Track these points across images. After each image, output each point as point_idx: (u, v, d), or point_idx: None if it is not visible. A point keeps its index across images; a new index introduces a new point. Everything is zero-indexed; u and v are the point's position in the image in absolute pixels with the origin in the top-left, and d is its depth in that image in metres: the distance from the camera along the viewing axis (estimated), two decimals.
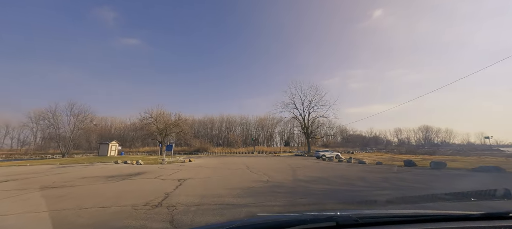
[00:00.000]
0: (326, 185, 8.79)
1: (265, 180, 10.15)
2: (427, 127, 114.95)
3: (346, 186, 8.48)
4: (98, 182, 9.72)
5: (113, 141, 36.18)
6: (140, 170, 14.87)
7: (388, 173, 12.94)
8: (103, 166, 18.56)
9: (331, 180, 10.16)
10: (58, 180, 10.50)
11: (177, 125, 45.67)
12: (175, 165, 19.37)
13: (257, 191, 7.54)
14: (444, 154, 37.42)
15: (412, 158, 21.50)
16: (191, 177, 11.06)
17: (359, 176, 11.65)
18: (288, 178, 10.97)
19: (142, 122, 45.06)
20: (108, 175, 12.35)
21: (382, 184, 8.84)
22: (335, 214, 1.52)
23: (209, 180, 10.19)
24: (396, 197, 6.39)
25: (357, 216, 1.50)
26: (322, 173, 13.11)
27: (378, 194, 6.96)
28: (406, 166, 17.05)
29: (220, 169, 15.54)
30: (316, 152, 31.21)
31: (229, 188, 7.95)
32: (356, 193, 7.11)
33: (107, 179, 10.78)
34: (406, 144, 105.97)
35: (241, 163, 20.68)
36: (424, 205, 5.44)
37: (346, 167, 16.90)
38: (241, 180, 9.98)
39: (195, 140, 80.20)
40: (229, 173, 12.75)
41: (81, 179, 10.67)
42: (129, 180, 10.32)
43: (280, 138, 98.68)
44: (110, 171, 14.74)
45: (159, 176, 11.58)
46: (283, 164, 20.49)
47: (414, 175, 11.87)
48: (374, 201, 6.02)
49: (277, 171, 14.05)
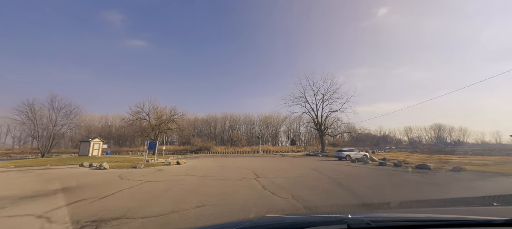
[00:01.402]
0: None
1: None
2: (440, 126, 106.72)
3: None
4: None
5: (96, 139, 30.13)
6: (74, 183, 8.70)
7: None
8: (50, 172, 12.51)
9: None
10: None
11: (173, 121, 39.50)
12: (152, 169, 13.18)
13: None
14: (465, 154, 31.44)
15: (443, 158, 14.80)
16: (131, 209, 4.78)
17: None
18: (351, 209, 4.65)
19: (133, 116, 38.27)
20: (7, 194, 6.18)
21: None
22: (346, 216, 1.40)
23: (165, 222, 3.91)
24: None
25: (370, 219, 1.34)
26: (403, 190, 6.73)
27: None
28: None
29: (213, 179, 9.28)
30: (338, 151, 24.60)
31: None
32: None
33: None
34: (417, 143, 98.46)
35: (247, 167, 14.38)
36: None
37: (417, 178, 10.39)
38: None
39: (197, 139, 74.42)
40: (223, 194, 6.44)
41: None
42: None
43: (285, 137, 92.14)
44: (29, 182, 8.63)
45: (73, 201, 5.36)
46: (304, 168, 14.07)
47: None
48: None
49: (310, 187, 7.67)
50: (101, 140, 31.33)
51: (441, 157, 23.37)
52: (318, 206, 5.04)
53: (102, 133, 79.80)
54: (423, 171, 12.28)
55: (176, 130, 41.91)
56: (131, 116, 37.89)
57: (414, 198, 5.92)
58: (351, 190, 6.92)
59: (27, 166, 15.88)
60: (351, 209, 4.83)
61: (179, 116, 41.30)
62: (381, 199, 5.67)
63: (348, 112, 43.45)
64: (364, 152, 24.51)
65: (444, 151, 43.38)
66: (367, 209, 4.82)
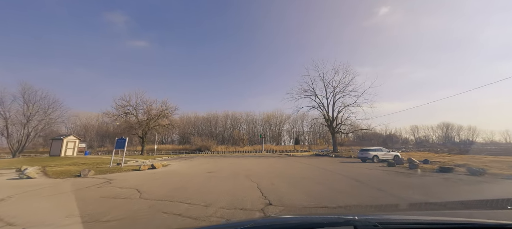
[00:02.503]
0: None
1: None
2: (448, 125, 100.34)
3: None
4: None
5: (71, 136, 25.04)
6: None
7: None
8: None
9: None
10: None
11: (164, 116, 34.49)
12: (94, 181, 8.10)
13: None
14: (480, 153, 27.82)
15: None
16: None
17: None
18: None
19: (118, 111, 32.13)
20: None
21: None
22: (353, 218, 1.32)
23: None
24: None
25: (377, 220, 1.27)
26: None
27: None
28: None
29: (161, 216, 4.13)
30: (362, 151, 19.22)
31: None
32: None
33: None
34: (425, 142, 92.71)
35: (247, 174, 9.24)
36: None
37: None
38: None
39: (196, 138, 69.50)
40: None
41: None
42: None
43: (288, 136, 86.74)
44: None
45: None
46: (332, 176, 8.88)
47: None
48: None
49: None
50: (77, 138, 26.17)
51: (474, 157, 19.22)
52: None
53: (100, 132, 75.32)
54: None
55: (168, 127, 36.66)
56: (116, 111, 32.71)
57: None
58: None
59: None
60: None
61: (171, 111, 35.36)
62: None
63: (364, 106, 35.40)
64: (395, 152, 19.16)
65: (461, 151, 38.61)
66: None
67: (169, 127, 36.14)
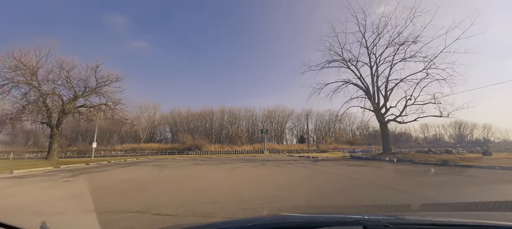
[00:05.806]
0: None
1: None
2: (461, 123, 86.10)
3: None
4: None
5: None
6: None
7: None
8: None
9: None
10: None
11: (101, 94, 18.82)
12: None
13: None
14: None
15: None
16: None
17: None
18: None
19: (3, 79, 16.50)
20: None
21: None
22: (362, 217, 1.27)
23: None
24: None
25: (387, 221, 1.19)
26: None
27: None
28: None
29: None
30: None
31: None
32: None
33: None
34: (438, 141, 78.79)
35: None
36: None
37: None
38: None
39: (186, 136, 55.67)
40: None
41: None
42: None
43: (291, 135, 72.73)
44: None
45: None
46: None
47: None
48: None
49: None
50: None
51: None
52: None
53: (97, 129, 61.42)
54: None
55: (106, 111, 20.10)
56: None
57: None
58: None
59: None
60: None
61: (108, 83, 20.00)
62: None
63: (452, 78, 17.75)
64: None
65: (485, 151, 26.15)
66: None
67: (108, 111, 20.51)
